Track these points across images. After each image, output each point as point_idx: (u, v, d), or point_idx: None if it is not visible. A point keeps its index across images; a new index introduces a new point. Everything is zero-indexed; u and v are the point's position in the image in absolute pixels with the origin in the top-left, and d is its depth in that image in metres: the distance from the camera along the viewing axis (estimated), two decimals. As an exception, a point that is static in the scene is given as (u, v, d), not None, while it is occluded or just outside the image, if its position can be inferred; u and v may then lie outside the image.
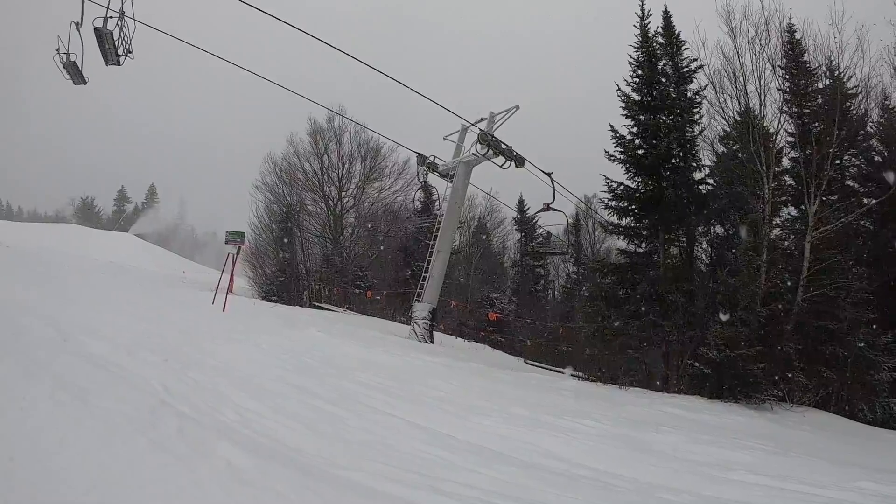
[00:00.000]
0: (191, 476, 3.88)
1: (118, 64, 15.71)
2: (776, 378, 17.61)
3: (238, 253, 23.05)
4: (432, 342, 23.14)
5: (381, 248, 43.10)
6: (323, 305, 37.34)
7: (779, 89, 21.10)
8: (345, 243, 42.85)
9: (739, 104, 20.93)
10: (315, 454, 5.36)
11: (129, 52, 15.64)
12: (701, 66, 21.63)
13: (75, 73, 16.27)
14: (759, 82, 20.35)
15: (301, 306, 35.54)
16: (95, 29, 14.87)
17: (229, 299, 21.05)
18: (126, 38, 15.36)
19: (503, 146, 22.74)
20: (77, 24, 15.42)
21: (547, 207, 23.22)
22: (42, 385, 4.90)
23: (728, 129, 21.76)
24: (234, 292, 26.72)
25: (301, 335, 15.83)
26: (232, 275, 23.41)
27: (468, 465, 5.96)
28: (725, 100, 21.12)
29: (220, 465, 4.20)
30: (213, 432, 5.08)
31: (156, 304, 18.12)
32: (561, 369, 24.35)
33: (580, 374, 20.84)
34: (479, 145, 23.14)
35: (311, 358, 12.01)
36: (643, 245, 22.13)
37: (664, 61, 22.58)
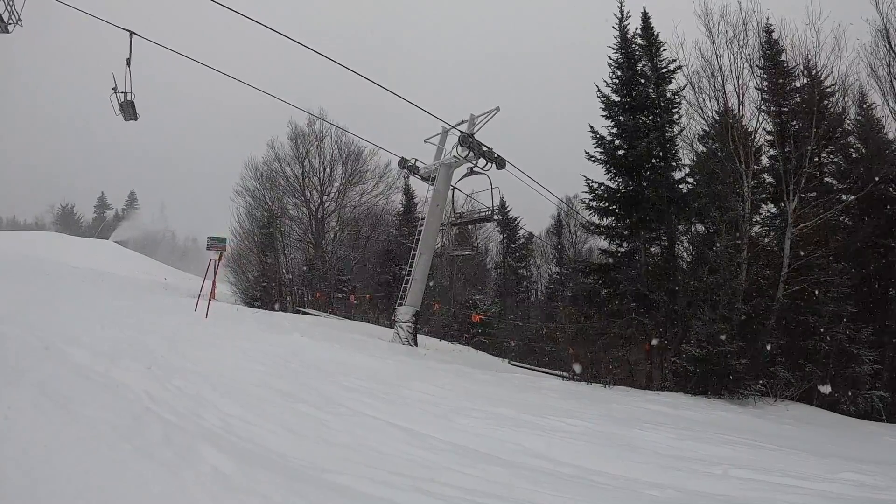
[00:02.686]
0: (177, 482, 3.87)
1: (6, 31, 15.44)
2: (759, 373, 17.78)
3: (220, 259, 22.86)
4: (416, 345, 23.11)
5: (363, 251, 43.07)
6: (306, 310, 37.24)
7: (757, 88, 21.34)
8: (327, 247, 42.77)
9: (718, 104, 21.13)
10: (300, 458, 5.36)
11: (20, 21, 15.39)
12: (680, 67, 21.86)
13: (130, 110, 16.94)
14: (738, 82, 20.57)
15: (284, 311, 35.41)
16: None
17: (212, 305, 20.92)
18: (10, 5, 15.04)
19: (483, 148, 22.74)
20: (128, 60, 16.27)
21: (471, 171, 23.20)
22: (25, 393, 4.86)
23: (707, 129, 21.91)
24: (217, 298, 26.52)
25: (284, 340, 15.77)
26: (214, 281, 23.23)
27: (451, 465, 5.97)
28: (704, 100, 21.31)
29: (205, 470, 4.20)
30: (198, 438, 5.06)
31: (138, 311, 17.94)
32: (545, 369, 24.40)
33: (564, 373, 20.90)
34: (459, 147, 23.15)
35: (294, 363, 11.97)
36: (624, 245, 22.32)
37: (643, 62, 22.77)
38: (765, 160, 21.84)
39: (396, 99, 18.67)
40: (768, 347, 18.09)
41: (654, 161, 21.80)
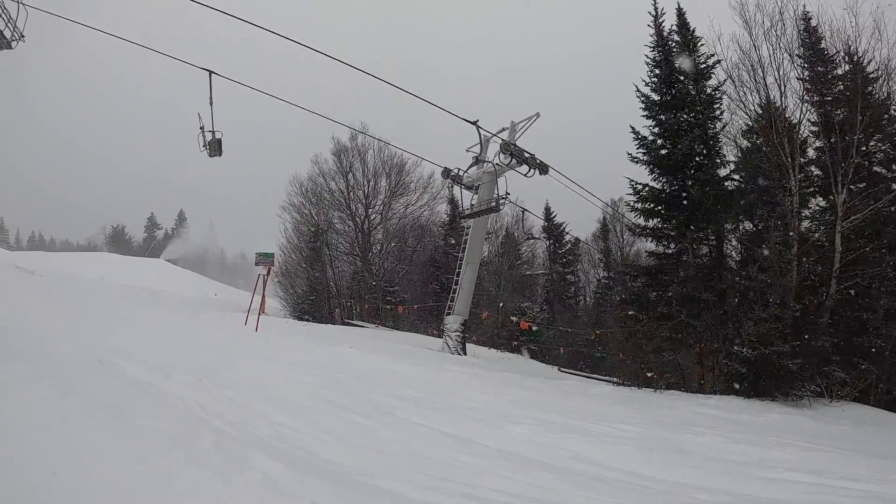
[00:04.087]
0: (226, 487, 3.97)
1: (9, 48, 15.79)
2: (813, 373, 17.42)
3: (268, 274, 23.15)
4: (465, 354, 23.17)
5: (410, 262, 43.27)
6: (355, 322, 37.51)
7: (798, 79, 20.91)
8: (374, 259, 43.07)
9: (760, 97, 20.72)
10: (348, 465, 5.42)
11: (22, 37, 15.73)
12: (718, 62, 21.43)
13: (216, 148, 17.99)
14: (778, 73, 20.17)
15: (333, 324, 35.71)
16: None
17: (261, 319, 21.25)
18: (12, 22, 15.31)
19: (526, 154, 22.71)
20: (210, 99, 17.21)
21: (476, 161, 23.07)
22: (79, 404, 5.01)
23: (750, 123, 21.46)
24: (266, 312, 26.88)
25: (333, 352, 15.92)
26: (263, 295, 23.56)
27: (500, 471, 5.99)
28: (745, 93, 20.94)
29: (255, 476, 4.28)
30: (249, 446, 5.17)
31: (189, 326, 18.30)
32: (595, 376, 24.25)
33: (614, 379, 20.74)
34: (502, 155, 23.16)
35: (343, 374, 12.06)
36: (672, 246, 21.96)
37: (681, 59, 22.45)
38: (811, 152, 21.31)
39: (437, 110, 18.75)
40: (825, 345, 17.76)
41: (697, 159, 21.42)
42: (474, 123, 20.52)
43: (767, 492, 6.38)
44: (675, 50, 22.45)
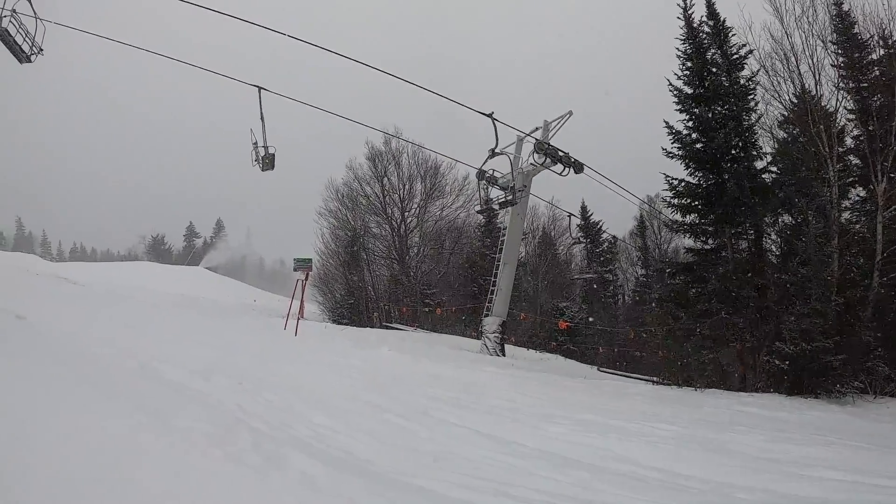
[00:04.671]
0: (264, 484, 4.04)
1: (29, 61, 16.10)
2: (856, 369, 17.08)
3: (307, 279, 23.38)
4: (504, 355, 23.13)
5: (447, 265, 43.32)
6: (393, 325, 37.68)
7: (833, 66, 20.37)
8: (411, 263, 43.20)
9: (794, 86, 20.25)
10: (386, 464, 5.50)
11: (41, 51, 16.08)
12: (751, 51, 21.05)
13: (269, 162, 18.57)
14: (812, 61, 19.66)
15: (371, 327, 35.89)
16: None
17: (300, 324, 21.45)
18: (29, 37, 15.69)
19: (560, 153, 22.58)
20: (261, 115, 17.86)
21: (492, 153, 22.89)
22: (121, 407, 5.12)
23: (786, 113, 21.00)
24: (305, 317, 27.18)
25: (372, 355, 16.02)
26: (302, 300, 23.84)
27: (537, 470, 6.01)
28: (779, 83, 20.47)
29: (293, 474, 4.36)
30: (287, 446, 5.23)
31: (229, 331, 18.55)
32: (635, 375, 24.07)
33: (654, 378, 20.55)
34: (536, 155, 23.07)
35: (382, 376, 12.16)
36: (710, 241, 21.68)
37: (712, 50, 22.13)
38: (849, 141, 20.79)
39: (469, 112, 18.77)
40: (869, 339, 17.41)
41: (733, 152, 21.05)
42: (489, 116, 20.30)
43: (808, 491, 6.31)
44: (705, 41, 22.19)
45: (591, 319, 41.36)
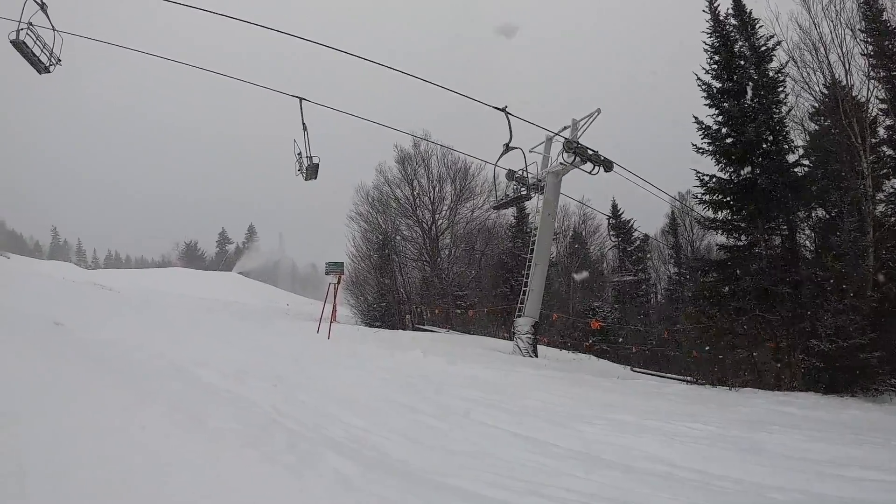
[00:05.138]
0: (299, 483, 4.14)
1: (48, 72, 16.53)
2: (894, 366, 16.83)
3: (339, 282, 23.52)
4: (536, 356, 23.08)
5: (479, 266, 43.34)
6: (426, 327, 37.73)
7: (862, 54, 20.04)
8: (442, 265, 43.28)
9: (824, 76, 20.15)
10: (419, 464, 5.54)
11: (59, 61, 16.55)
12: (778, 43, 20.91)
13: (312, 172, 19.05)
14: (841, 50, 19.54)
15: (404, 329, 35.99)
16: (11, 42, 15.76)
17: (333, 327, 21.61)
18: (47, 49, 16.17)
19: (589, 152, 22.44)
20: (304, 125, 18.16)
21: (507, 148, 22.71)
22: (158, 408, 5.26)
23: (816, 105, 20.90)
24: (338, 320, 27.31)
25: (404, 357, 16.07)
26: (335, 304, 23.98)
27: (570, 470, 6.01)
28: (808, 74, 20.41)
29: (327, 473, 4.45)
30: (321, 446, 5.34)
31: (262, 335, 18.74)
32: (669, 375, 23.91)
33: (689, 377, 20.40)
34: (565, 154, 23.00)
35: (414, 377, 12.18)
36: (743, 238, 21.49)
37: (740, 43, 21.94)
38: (881, 132, 20.50)
39: (497, 113, 18.78)
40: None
41: (764, 146, 20.88)
42: (503, 110, 20.20)
43: (843, 491, 6.23)
44: (732, 34, 21.99)
45: (619, 317, 41.21)
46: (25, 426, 4.13)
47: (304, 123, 17.77)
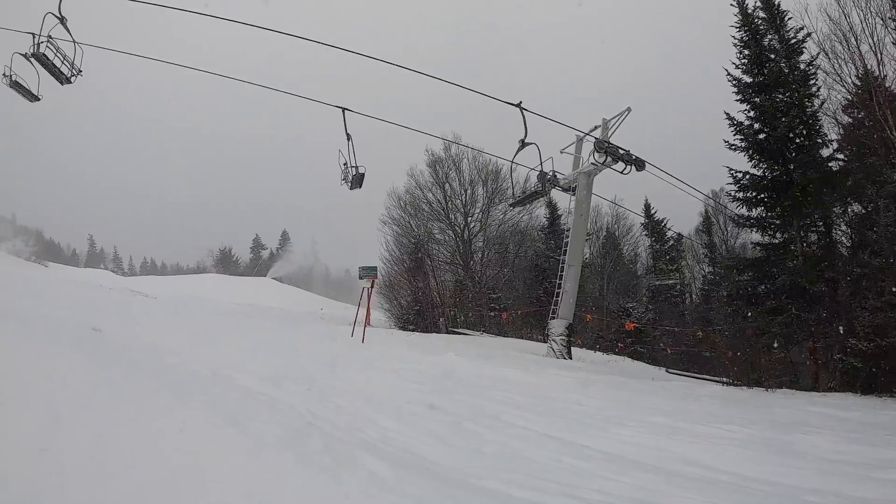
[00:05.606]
0: (334, 483, 4.24)
1: (70, 82, 16.78)
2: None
3: (372, 287, 23.66)
4: (570, 358, 23.02)
5: (512, 268, 43.29)
6: (459, 330, 37.75)
7: (894, 44, 19.54)
8: (475, 267, 43.26)
9: (856, 67, 19.77)
10: (452, 466, 5.62)
11: (80, 73, 16.74)
12: (808, 35, 20.71)
13: (357, 182, 18.74)
14: (872, 40, 19.11)
15: (437, 333, 36.05)
16: (32, 55, 16.00)
17: (367, 331, 21.74)
18: (68, 60, 16.40)
19: (620, 151, 22.29)
20: (348, 135, 17.95)
21: (522, 144, 22.54)
22: (197, 411, 5.39)
23: (850, 97, 20.51)
24: (372, 324, 27.46)
25: (438, 360, 16.15)
26: (368, 308, 24.12)
27: (603, 473, 6.02)
28: (840, 65, 20.03)
29: (362, 474, 4.53)
30: (356, 448, 5.43)
31: (297, 340, 18.94)
32: (704, 376, 23.70)
33: (724, 379, 20.20)
34: (596, 154, 22.89)
35: (448, 381, 12.26)
36: (778, 235, 21.25)
37: (769, 36, 21.71)
38: (918, 122, 20.19)
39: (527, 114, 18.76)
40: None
41: (798, 141, 20.73)
42: (518, 105, 20.05)
43: (882, 493, 6.17)
44: (761, 27, 21.76)
45: (654, 317, 40.89)
46: (67, 428, 4.26)
47: (347, 133, 17.78)
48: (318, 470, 4.43)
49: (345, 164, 18.55)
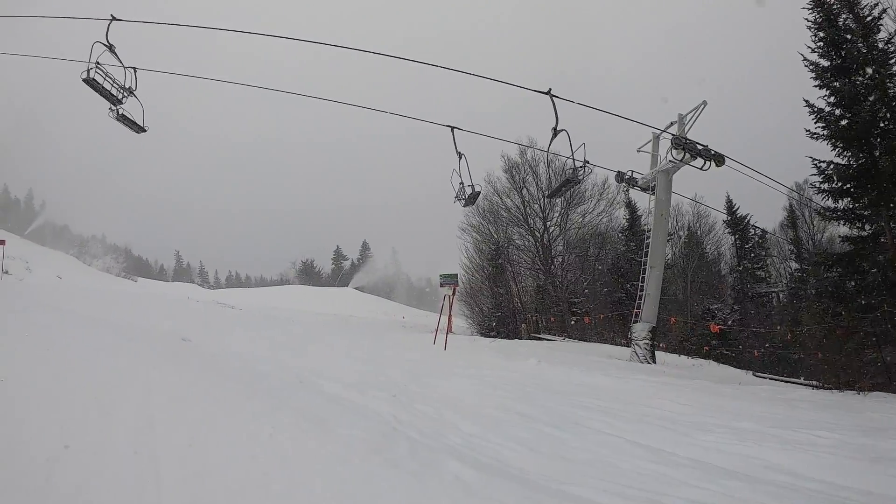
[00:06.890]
0: (421, 487, 4.40)
1: (121, 103, 17.38)
2: None
3: (453, 294, 23.85)
4: (654, 362, 22.79)
5: (593, 272, 42.99)
6: (541, 336, 37.67)
7: None
8: (556, 272, 43.11)
9: (939, 40, 18.93)
10: (537, 471, 5.67)
11: (132, 93, 17.39)
12: (885, 11, 19.86)
13: (472, 199, 19.50)
14: None
15: (519, 339, 36.07)
16: (84, 80, 16.45)
17: (449, 338, 21.93)
18: (117, 83, 17.03)
19: (699, 147, 21.85)
20: (459, 154, 18.38)
21: (555, 133, 21.99)
22: (287, 417, 5.66)
23: (935, 74, 19.66)
24: (454, 331, 27.68)
25: (521, 366, 16.19)
26: (450, 315, 24.31)
27: (689, 480, 5.98)
28: (921, 39, 19.10)
29: (448, 479, 4.68)
30: (441, 453, 5.58)
31: (380, 348, 19.24)
32: (792, 379, 23.13)
33: (814, 382, 19.65)
34: (674, 151, 22.54)
35: (531, 386, 12.29)
36: (867, 227, 20.47)
37: (843, 16, 20.97)
38: None
39: (601, 114, 18.68)
40: None
41: (882, 125, 19.80)
42: (547, 93, 19.73)
43: (984, 506, 6.00)
44: (835, 7, 21.04)
45: (740, 319, 39.97)
46: (161, 432, 4.53)
47: (459, 153, 18.02)
48: (406, 474, 4.60)
49: (461, 184, 18.90)
